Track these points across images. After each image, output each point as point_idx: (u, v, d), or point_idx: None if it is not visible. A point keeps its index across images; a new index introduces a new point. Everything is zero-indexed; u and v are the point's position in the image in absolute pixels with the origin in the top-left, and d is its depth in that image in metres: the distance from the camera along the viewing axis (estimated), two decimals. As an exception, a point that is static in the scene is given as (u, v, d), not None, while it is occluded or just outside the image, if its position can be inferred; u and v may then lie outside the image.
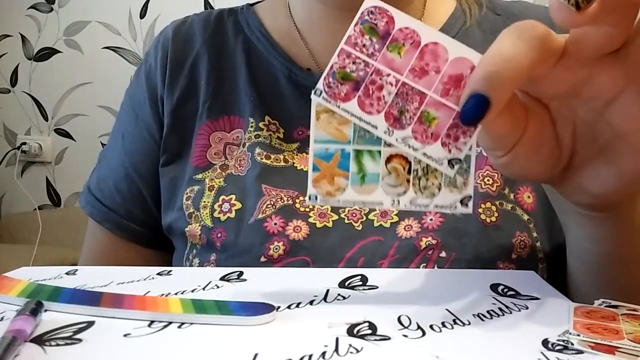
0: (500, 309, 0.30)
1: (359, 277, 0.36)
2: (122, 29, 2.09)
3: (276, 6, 0.56)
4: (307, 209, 0.47)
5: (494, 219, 0.45)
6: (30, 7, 2.15)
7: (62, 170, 2.16)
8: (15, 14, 2.16)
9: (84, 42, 2.12)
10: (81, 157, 2.11)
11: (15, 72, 2.17)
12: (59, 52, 2.13)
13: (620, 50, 0.27)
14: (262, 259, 0.44)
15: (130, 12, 2.08)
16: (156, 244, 0.55)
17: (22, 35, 2.16)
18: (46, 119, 2.16)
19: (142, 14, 2.07)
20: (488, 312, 0.30)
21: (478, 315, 0.29)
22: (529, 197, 0.47)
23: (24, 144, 2.13)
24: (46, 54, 2.14)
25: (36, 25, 2.15)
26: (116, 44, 2.09)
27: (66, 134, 2.15)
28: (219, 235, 0.47)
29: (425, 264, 0.43)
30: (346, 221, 0.46)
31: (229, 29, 0.56)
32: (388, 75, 0.28)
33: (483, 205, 0.45)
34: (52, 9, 2.13)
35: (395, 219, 0.46)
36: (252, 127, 0.51)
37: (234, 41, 0.55)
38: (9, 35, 2.17)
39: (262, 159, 0.50)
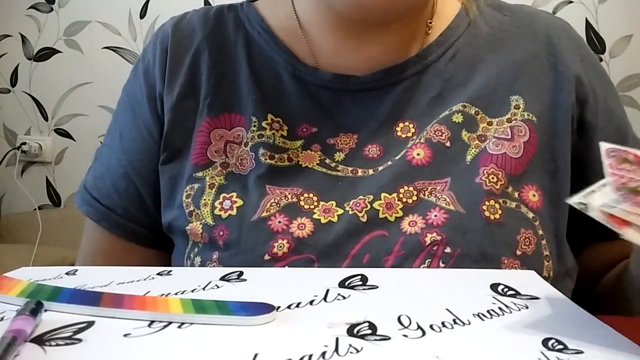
0: (500, 308, 0.30)
1: (359, 277, 0.36)
2: (122, 29, 2.09)
3: (278, 2, 0.55)
4: (312, 206, 0.46)
5: (497, 216, 0.45)
6: (30, 7, 2.14)
7: (62, 170, 2.16)
8: (15, 14, 2.16)
9: (84, 42, 2.11)
10: (81, 157, 2.11)
11: (15, 72, 2.17)
12: (59, 52, 2.13)
13: None
14: (266, 257, 0.44)
15: (130, 12, 2.07)
16: (155, 243, 0.55)
17: (22, 35, 2.16)
18: (46, 119, 2.16)
19: (142, 14, 2.07)
20: (488, 312, 0.30)
21: (478, 315, 0.29)
22: (534, 195, 0.47)
23: (24, 144, 2.13)
24: (46, 54, 2.14)
25: (36, 25, 2.15)
26: (116, 44, 2.09)
27: (66, 134, 2.15)
28: (221, 233, 0.47)
29: (430, 260, 0.43)
30: (350, 212, 0.46)
31: (229, 24, 0.56)
32: None
33: (487, 203, 0.45)
34: (52, 9, 2.13)
35: (400, 213, 0.45)
36: (254, 126, 0.51)
37: (235, 36, 0.55)
38: (9, 35, 2.17)
39: (266, 159, 0.49)
